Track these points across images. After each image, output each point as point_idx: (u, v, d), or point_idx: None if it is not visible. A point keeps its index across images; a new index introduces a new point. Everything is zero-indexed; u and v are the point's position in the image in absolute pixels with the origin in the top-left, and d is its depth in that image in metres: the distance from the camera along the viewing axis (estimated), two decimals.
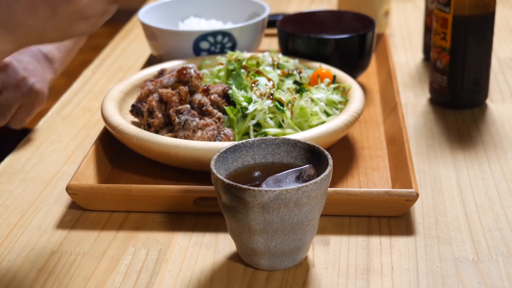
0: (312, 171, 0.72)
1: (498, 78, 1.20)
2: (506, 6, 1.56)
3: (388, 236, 0.78)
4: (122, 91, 1.00)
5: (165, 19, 1.22)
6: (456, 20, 1.03)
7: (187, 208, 0.83)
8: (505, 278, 0.71)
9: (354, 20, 1.16)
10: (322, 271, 0.73)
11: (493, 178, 0.89)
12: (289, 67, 1.01)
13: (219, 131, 0.88)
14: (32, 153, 1.00)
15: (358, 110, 0.91)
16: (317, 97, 0.94)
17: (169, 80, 0.95)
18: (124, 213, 0.84)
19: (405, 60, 1.29)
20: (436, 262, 0.74)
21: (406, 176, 0.83)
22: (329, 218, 0.81)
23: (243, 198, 0.67)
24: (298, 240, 0.71)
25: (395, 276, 0.72)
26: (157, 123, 0.91)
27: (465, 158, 0.94)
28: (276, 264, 0.72)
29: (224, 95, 0.94)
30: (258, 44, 1.17)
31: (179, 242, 0.78)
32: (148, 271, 0.74)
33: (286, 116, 0.90)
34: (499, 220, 0.81)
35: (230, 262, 0.75)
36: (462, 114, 1.07)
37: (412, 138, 0.99)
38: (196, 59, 1.09)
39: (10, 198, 0.89)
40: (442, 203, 0.84)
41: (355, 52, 1.09)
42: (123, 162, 0.94)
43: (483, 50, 1.05)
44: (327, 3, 1.65)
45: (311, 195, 0.68)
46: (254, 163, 0.76)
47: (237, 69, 0.96)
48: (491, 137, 1.00)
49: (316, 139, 0.84)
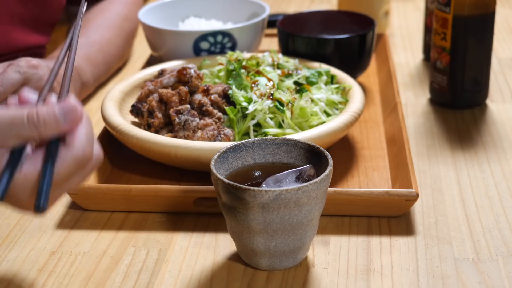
0: (312, 171, 0.72)
1: (498, 78, 1.20)
2: (506, 6, 1.56)
3: (388, 236, 0.78)
4: (122, 91, 1.00)
5: (165, 19, 1.22)
6: (456, 20, 1.03)
7: (187, 208, 0.83)
8: (505, 278, 0.71)
9: (354, 20, 1.16)
10: (322, 271, 0.73)
11: (493, 178, 0.89)
12: (289, 67, 1.01)
13: (219, 131, 0.88)
14: None
15: (358, 110, 0.91)
16: (317, 97, 0.94)
17: (169, 80, 0.95)
18: (124, 213, 0.84)
19: (405, 60, 1.29)
20: (436, 262, 0.74)
21: (406, 176, 0.83)
22: (329, 218, 0.81)
23: (243, 198, 0.67)
24: (298, 240, 0.71)
25: (395, 276, 0.72)
26: (157, 123, 0.91)
27: (465, 158, 0.94)
28: (276, 264, 0.72)
29: (224, 95, 0.94)
30: (258, 44, 1.17)
31: (179, 242, 0.78)
32: (148, 271, 0.74)
33: (286, 116, 0.90)
34: (499, 220, 0.81)
35: (230, 262, 0.75)
36: (462, 114, 1.07)
37: (412, 138, 0.99)
38: (196, 59, 1.09)
39: None
40: (442, 203, 0.84)
41: (355, 52, 1.09)
42: (123, 162, 0.94)
43: (483, 50, 1.05)
44: (327, 3, 1.65)
45: (311, 195, 0.68)
46: (254, 163, 0.76)
47: (237, 69, 0.96)
48: (491, 137, 1.00)
49: (316, 139, 0.84)
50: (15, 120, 0.62)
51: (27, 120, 0.62)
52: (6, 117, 0.62)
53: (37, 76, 0.96)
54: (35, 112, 0.63)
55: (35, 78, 0.96)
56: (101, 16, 1.22)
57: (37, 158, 0.63)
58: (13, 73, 0.94)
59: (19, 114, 0.62)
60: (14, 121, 0.62)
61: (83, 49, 1.12)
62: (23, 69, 0.95)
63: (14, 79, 0.94)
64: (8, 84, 0.94)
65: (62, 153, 0.63)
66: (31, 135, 0.62)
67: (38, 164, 0.63)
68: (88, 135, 0.65)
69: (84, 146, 0.64)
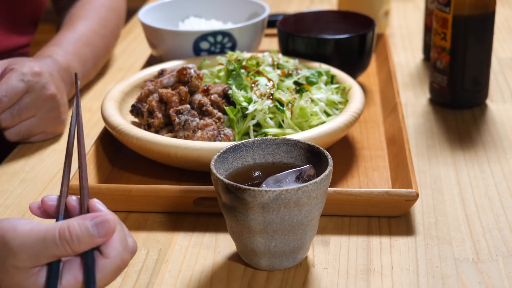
0: (312, 171, 0.72)
1: (498, 78, 1.20)
2: (506, 6, 1.56)
3: (388, 236, 0.78)
4: (122, 91, 1.00)
5: (165, 19, 1.22)
6: (456, 20, 1.03)
7: (187, 208, 0.83)
8: (505, 278, 0.71)
9: (354, 20, 1.16)
10: (322, 271, 0.73)
11: (493, 178, 0.89)
12: (289, 67, 1.01)
13: (219, 131, 0.88)
14: (32, 153, 1.00)
15: (358, 110, 0.91)
16: (317, 97, 0.94)
17: (169, 80, 0.95)
18: (124, 213, 0.84)
19: (405, 60, 1.29)
20: (436, 262, 0.74)
21: (406, 176, 0.83)
22: (329, 218, 0.81)
23: (243, 198, 0.67)
24: (298, 240, 0.71)
25: (395, 276, 0.72)
26: (157, 123, 0.91)
27: (465, 158, 0.94)
28: (276, 264, 0.72)
29: (224, 95, 0.94)
30: (258, 44, 1.17)
31: (179, 242, 0.78)
32: (148, 271, 0.74)
33: (286, 116, 0.90)
34: (499, 220, 0.81)
35: (230, 262, 0.75)
36: (462, 114, 1.07)
37: (412, 138, 0.99)
38: (196, 59, 1.09)
39: (10, 198, 0.89)
40: (442, 203, 0.84)
41: (355, 52, 1.09)
42: (123, 162, 0.94)
43: (483, 50, 1.05)
44: (327, 3, 1.65)
45: (311, 195, 0.68)
46: (254, 163, 0.76)
47: (237, 69, 0.96)
48: (491, 137, 1.00)
49: (316, 139, 0.84)
50: (47, 239, 0.59)
51: (60, 239, 0.60)
52: (38, 237, 0.60)
53: (40, 84, 0.96)
54: (66, 228, 0.60)
55: (38, 86, 0.96)
56: (85, 8, 1.21)
57: (75, 268, 0.61)
58: (17, 82, 0.94)
59: (50, 233, 0.60)
60: (46, 241, 0.59)
61: (71, 44, 1.11)
62: (27, 77, 0.95)
63: (18, 89, 0.94)
64: (12, 94, 0.93)
65: (100, 264, 0.61)
66: (64, 253, 0.60)
67: (77, 275, 0.60)
68: (122, 241, 0.62)
69: (121, 254, 0.62)
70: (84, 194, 0.66)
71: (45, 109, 0.98)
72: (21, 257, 0.59)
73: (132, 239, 0.65)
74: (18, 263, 0.59)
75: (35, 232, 0.60)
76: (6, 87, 0.93)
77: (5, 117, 0.95)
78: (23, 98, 0.95)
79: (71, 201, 0.66)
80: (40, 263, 0.60)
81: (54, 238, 0.60)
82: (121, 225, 0.64)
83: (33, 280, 0.60)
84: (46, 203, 0.66)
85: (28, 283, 0.60)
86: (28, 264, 0.60)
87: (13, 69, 0.95)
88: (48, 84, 0.97)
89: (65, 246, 0.60)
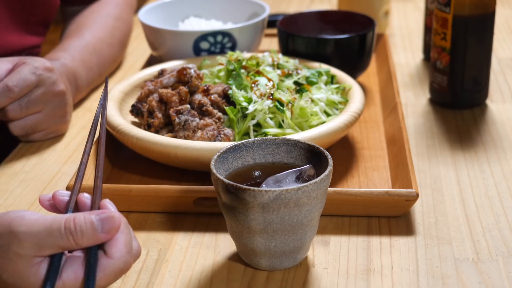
0: (312, 171, 0.72)
1: (498, 78, 1.20)
2: (506, 6, 1.56)
3: (388, 236, 0.78)
4: (122, 91, 1.00)
5: (165, 19, 1.22)
6: (456, 20, 1.03)
7: (187, 208, 0.83)
8: (505, 278, 0.71)
9: (354, 20, 1.16)
10: (322, 271, 0.73)
11: (493, 178, 0.89)
12: (289, 67, 1.01)
13: (219, 131, 0.88)
14: (32, 153, 1.00)
15: (358, 110, 0.91)
16: (317, 97, 0.94)
17: (169, 80, 0.95)
18: (124, 213, 0.83)
19: (405, 60, 1.29)
20: (436, 262, 0.74)
21: (406, 176, 0.83)
22: (329, 218, 0.81)
23: (243, 198, 0.67)
24: (298, 240, 0.71)
25: (395, 276, 0.72)
26: (157, 123, 0.91)
27: (465, 158, 0.94)
28: (276, 264, 0.72)
29: (224, 95, 0.94)
30: (258, 44, 1.17)
31: (179, 242, 0.78)
32: (148, 271, 0.74)
33: (286, 116, 0.90)
34: (499, 220, 0.81)
35: (230, 262, 0.75)
36: (462, 114, 1.07)
37: (412, 138, 0.99)
38: (196, 59, 1.09)
39: (10, 198, 0.89)
40: (442, 203, 0.84)
41: (355, 52, 1.09)
42: (123, 162, 0.94)
43: (483, 50, 1.05)
44: (327, 3, 1.65)
45: (311, 195, 0.68)
46: (254, 163, 0.76)
47: (237, 69, 0.96)
48: (491, 137, 1.00)
49: (316, 139, 0.84)
50: (52, 228, 0.60)
51: (64, 229, 0.61)
52: (44, 225, 0.61)
53: (51, 80, 0.97)
54: (72, 219, 0.61)
55: (49, 82, 0.96)
56: (93, 17, 1.22)
57: (76, 265, 0.61)
58: (29, 74, 0.94)
59: (56, 222, 0.61)
60: (51, 230, 0.60)
61: (78, 51, 1.12)
62: (39, 71, 0.95)
63: (30, 81, 0.94)
64: (23, 85, 0.94)
65: (102, 263, 0.61)
66: (67, 245, 0.61)
67: (78, 271, 0.61)
68: (128, 244, 0.63)
69: (125, 257, 0.62)
70: (97, 193, 0.67)
71: (53, 105, 0.98)
72: (25, 244, 0.60)
73: (137, 243, 0.65)
74: (22, 250, 0.60)
75: (42, 221, 0.61)
76: (18, 77, 0.93)
77: (13, 108, 0.95)
78: (33, 91, 0.95)
79: (82, 198, 0.67)
80: (43, 253, 0.61)
81: (60, 228, 0.61)
82: (128, 228, 0.64)
83: (34, 270, 0.61)
84: (57, 198, 0.66)
85: (29, 273, 0.61)
86: (31, 252, 0.60)
87: (26, 62, 0.95)
88: (58, 81, 0.98)
89: (69, 236, 0.61)
